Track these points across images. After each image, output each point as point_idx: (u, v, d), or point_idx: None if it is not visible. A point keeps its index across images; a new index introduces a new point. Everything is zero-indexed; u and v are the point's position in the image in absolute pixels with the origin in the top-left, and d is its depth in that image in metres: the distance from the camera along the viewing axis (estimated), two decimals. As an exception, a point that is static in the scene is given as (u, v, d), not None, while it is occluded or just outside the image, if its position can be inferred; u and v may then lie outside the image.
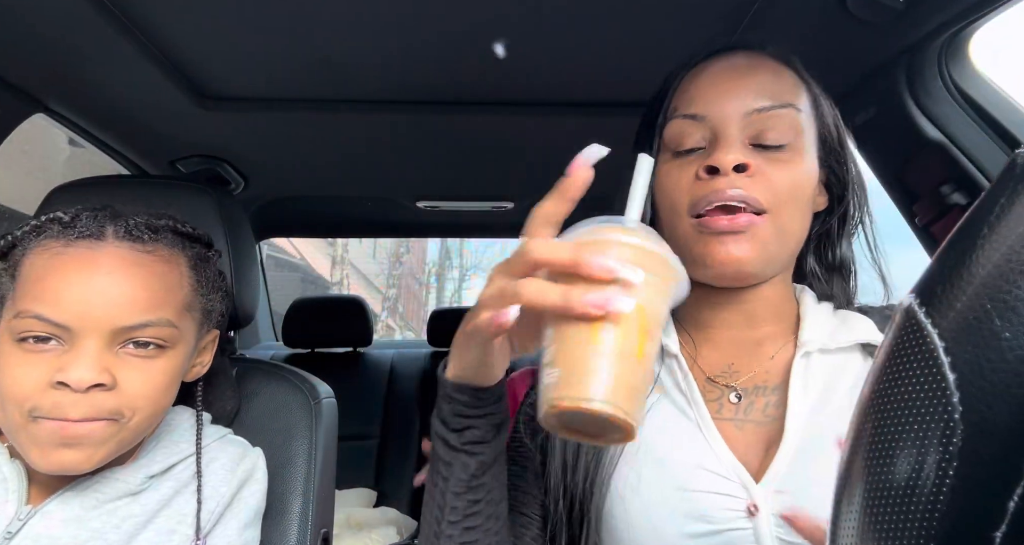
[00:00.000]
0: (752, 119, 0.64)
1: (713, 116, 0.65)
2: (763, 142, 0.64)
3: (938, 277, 0.20)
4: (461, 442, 0.57)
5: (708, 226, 0.63)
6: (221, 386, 0.90)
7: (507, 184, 1.86)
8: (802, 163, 0.65)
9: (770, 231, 0.63)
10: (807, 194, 0.66)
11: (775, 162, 0.64)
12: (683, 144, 0.67)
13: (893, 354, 0.20)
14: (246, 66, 1.17)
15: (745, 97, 0.65)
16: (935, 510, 0.17)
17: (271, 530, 0.87)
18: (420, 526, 0.63)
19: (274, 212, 2.06)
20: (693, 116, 0.66)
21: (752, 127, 0.64)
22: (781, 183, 0.63)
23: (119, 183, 1.06)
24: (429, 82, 1.23)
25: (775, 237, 0.63)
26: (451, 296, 16.66)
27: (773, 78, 0.66)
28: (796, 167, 0.64)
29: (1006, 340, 0.17)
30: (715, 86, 0.67)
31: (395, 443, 2.18)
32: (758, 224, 0.62)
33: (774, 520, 0.57)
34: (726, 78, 0.67)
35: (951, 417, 0.18)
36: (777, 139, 0.64)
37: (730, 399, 0.66)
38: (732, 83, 0.66)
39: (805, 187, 0.65)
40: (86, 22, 0.98)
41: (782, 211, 0.63)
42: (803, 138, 0.65)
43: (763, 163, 0.63)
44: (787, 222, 0.64)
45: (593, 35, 1.06)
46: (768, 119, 0.64)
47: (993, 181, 0.20)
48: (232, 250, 0.96)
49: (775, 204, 0.63)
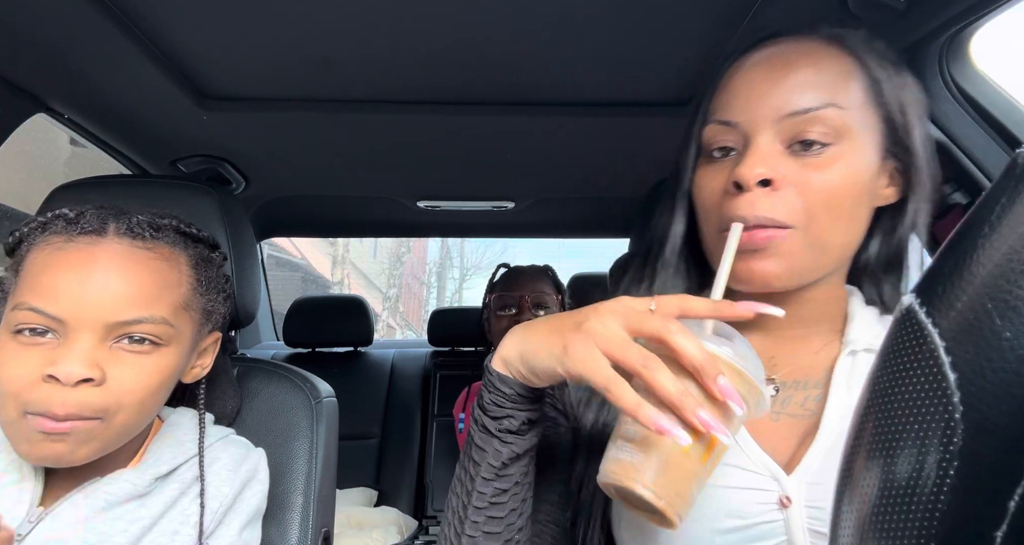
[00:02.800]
0: (786, 124, 0.61)
1: (744, 122, 0.63)
2: (802, 143, 0.60)
3: (939, 277, 0.20)
4: (497, 429, 0.58)
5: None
6: (222, 386, 0.90)
7: (507, 184, 1.86)
8: (848, 164, 0.60)
9: (798, 245, 0.60)
10: (855, 197, 0.61)
11: (813, 168, 0.60)
12: (716, 149, 0.65)
13: (894, 354, 0.20)
14: (247, 66, 1.17)
15: (779, 99, 0.61)
16: (936, 510, 0.17)
17: (272, 529, 0.87)
18: (446, 513, 0.63)
19: (275, 212, 2.07)
20: (726, 122, 0.64)
21: (787, 131, 0.61)
22: (817, 192, 0.59)
23: (120, 183, 1.06)
24: (429, 82, 1.23)
25: (805, 251, 0.60)
26: (452, 296, 16.66)
27: (815, 72, 0.62)
28: (839, 171, 0.60)
29: (1007, 340, 0.17)
30: (748, 88, 0.63)
31: (396, 442, 2.18)
32: (781, 240, 0.60)
33: (807, 512, 0.56)
34: (761, 79, 0.63)
35: (952, 417, 0.18)
36: (817, 139, 0.60)
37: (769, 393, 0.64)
38: (767, 84, 0.62)
39: (850, 191, 0.60)
40: (87, 22, 0.98)
41: (814, 224, 0.60)
42: (850, 136, 0.61)
43: (797, 171, 0.60)
44: (822, 234, 0.60)
45: (593, 35, 1.06)
46: (804, 123, 0.60)
47: (994, 181, 0.20)
48: (233, 250, 0.96)
49: (806, 217, 0.59)
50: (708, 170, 0.66)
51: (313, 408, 0.94)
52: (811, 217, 0.60)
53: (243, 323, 1.01)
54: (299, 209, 2.13)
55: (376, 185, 1.88)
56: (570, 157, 1.61)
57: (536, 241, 10.17)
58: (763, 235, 0.59)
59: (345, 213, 2.27)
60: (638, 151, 1.55)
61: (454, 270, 16.93)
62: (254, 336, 2.45)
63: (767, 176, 0.59)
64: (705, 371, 0.48)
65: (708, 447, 0.48)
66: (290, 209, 2.10)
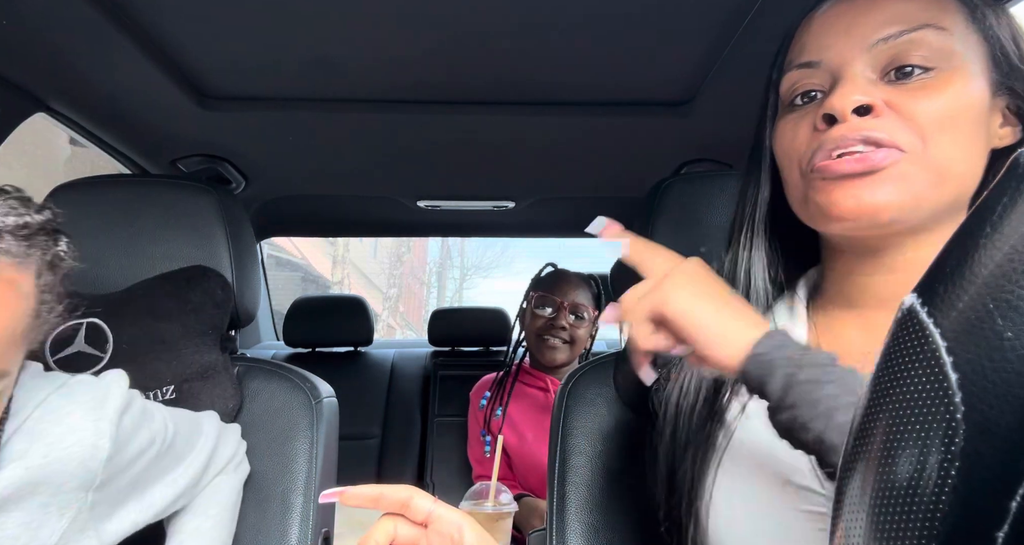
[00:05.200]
0: (879, 49, 0.54)
1: (829, 59, 0.56)
2: (901, 69, 0.53)
3: (940, 276, 0.20)
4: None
5: (830, 170, 0.53)
6: (223, 385, 0.90)
7: (508, 184, 1.86)
8: (959, 88, 0.52)
9: (916, 169, 0.52)
10: (971, 123, 0.53)
11: (919, 91, 0.52)
12: (798, 95, 0.58)
13: (895, 354, 0.20)
14: (247, 66, 1.17)
15: (868, 27, 0.54)
16: (937, 510, 0.17)
17: (271, 529, 0.87)
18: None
19: (275, 211, 2.06)
20: (808, 64, 0.57)
21: (882, 56, 0.54)
22: (929, 114, 0.52)
23: (120, 183, 1.06)
24: (429, 82, 1.23)
25: (924, 175, 0.52)
26: (452, 296, 16.66)
27: (903, 1, 0.55)
28: (949, 94, 0.52)
29: (1008, 340, 0.17)
30: (832, 25, 0.57)
31: (396, 442, 2.18)
32: (897, 160, 0.52)
33: None
34: (843, 14, 0.57)
35: (953, 417, 0.18)
36: (918, 63, 0.53)
37: None
38: (850, 17, 0.56)
39: (965, 116, 0.53)
40: (87, 22, 0.98)
41: (933, 145, 0.52)
42: (957, 60, 0.53)
43: (901, 96, 0.52)
44: (943, 157, 0.52)
45: (593, 35, 1.06)
46: (901, 45, 0.53)
47: (995, 180, 0.20)
48: (233, 249, 0.96)
49: (922, 139, 0.52)
50: (790, 118, 0.59)
51: (313, 408, 0.94)
52: (926, 140, 0.52)
53: (243, 323, 1.01)
54: (299, 209, 2.13)
55: (376, 185, 1.88)
56: (570, 157, 1.61)
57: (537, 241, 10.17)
58: (879, 156, 0.51)
59: (345, 213, 2.27)
60: (638, 151, 1.55)
61: (454, 270, 16.94)
62: (254, 336, 2.45)
63: (865, 102, 0.52)
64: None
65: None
66: (290, 209, 2.10)
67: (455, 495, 1.42)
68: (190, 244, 0.98)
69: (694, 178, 0.96)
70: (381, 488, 0.50)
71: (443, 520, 0.49)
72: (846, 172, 0.52)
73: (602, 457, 0.86)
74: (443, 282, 17.04)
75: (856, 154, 0.52)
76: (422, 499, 0.50)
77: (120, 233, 0.97)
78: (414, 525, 0.50)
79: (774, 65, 0.63)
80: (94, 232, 0.97)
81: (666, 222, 0.91)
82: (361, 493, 0.50)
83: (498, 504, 1.15)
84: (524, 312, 1.82)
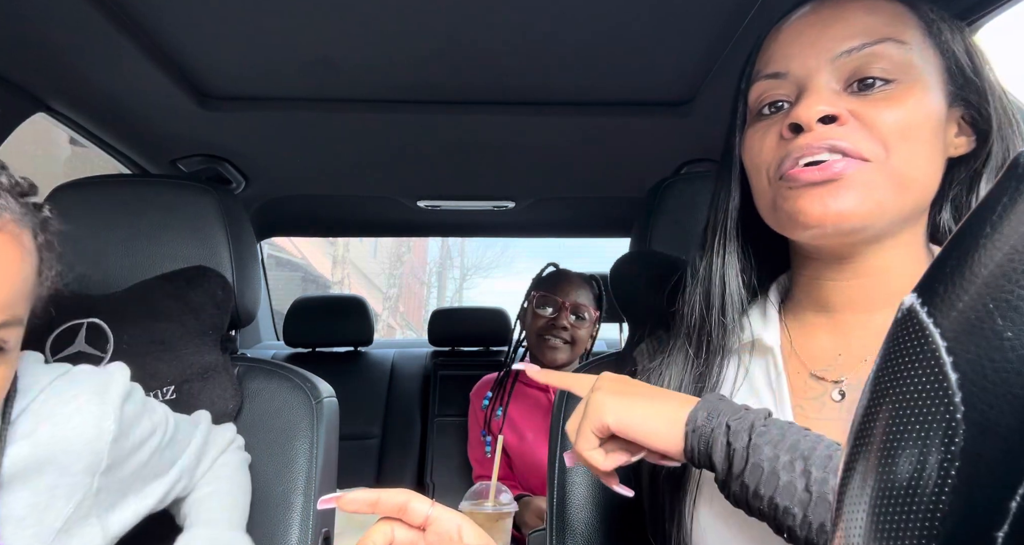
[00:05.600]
0: (842, 62, 0.55)
1: (795, 70, 0.58)
2: (863, 81, 0.55)
3: (940, 276, 0.20)
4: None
5: (796, 179, 0.55)
6: (223, 385, 0.90)
7: (508, 184, 1.86)
8: (917, 99, 0.54)
9: (879, 177, 0.53)
10: (929, 133, 0.55)
11: (881, 102, 0.54)
12: (765, 105, 0.60)
13: (895, 354, 0.20)
14: (247, 66, 1.17)
15: (832, 40, 0.56)
16: (937, 510, 0.17)
17: (272, 529, 0.87)
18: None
19: (275, 211, 2.07)
20: (775, 74, 0.59)
21: (845, 68, 0.56)
22: (890, 124, 0.53)
23: (120, 182, 1.06)
24: (429, 82, 1.23)
25: (887, 183, 0.54)
26: (452, 296, 16.66)
27: (866, 13, 0.57)
28: (908, 105, 0.54)
29: (1008, 340, 0.17)
30: (797, 36, 0.59)
31: (396, 442, 2.18)
32: (861, 168, 0.53)
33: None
34: (809, 25, 0.58)
35: (953, 417, 0.18)
36: (879, 75, 0.55)
37: (832, 397, 0.58)
38: (815, 30, 0.58)
39: (924, 126, 0.54)
40: (87, 22, 0.98)
41: (895, 154, 0.53)
42: (915, 72, 0.55)
43: (864, 107, 0.54)
44: (904, 165, 0.54)
45: (593, 35, 1.06)
46: (863, 57, 0.55)
47: (995, 180, 0.20)
48: (233, 249, 0.97)
49: (884, 148, 0.54)
50: (758, 127, 0.61)
51: (313, 408, 0.94)
52: (889, 149, 0.54)
53: (243, 323, 1.01)
54: (299, 209, 2.13)
55: (376, 185, 1.88)
56: (570, 157, 1.61)
57: (537, 241, 10.18)
58: (840, 166, 0.53)
59: (345, 213, 2.28)
60: (638, 151, 1.55)
61: (454, 270, 16.93)
62: (254, 336, 2.45)
63: (830, 112, 0.54)
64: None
65: None
66: (290, 209, 2.10)
67: (455, 495, 1.42)
68: (190, 244, 0.98)
69: (694, 178, 0.96)
70: (378, 492, 0.50)
71: (442, 521, 0.49)
72: (813, 180, 0.54)
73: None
74: (443, 282, 17.04)
75: (821, 163, 0.54)
76: (419, 502, 0.50)
77: (120, 233, 0.97)
78: (411, 529, 0.50)
79: (743, 75, 0.64)
80: (94, 232, 0.97)
81: (666, 222, 0.91)
82: (358, 498, 0.50)
83: (498, 504, 1.15)
84: (525, 312, 1.82)
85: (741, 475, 0.49)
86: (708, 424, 0.51)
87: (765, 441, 0.48)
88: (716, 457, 0.50)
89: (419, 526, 0.50)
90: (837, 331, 0.61)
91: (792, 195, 0.56)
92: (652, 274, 0.86)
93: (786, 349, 0.63)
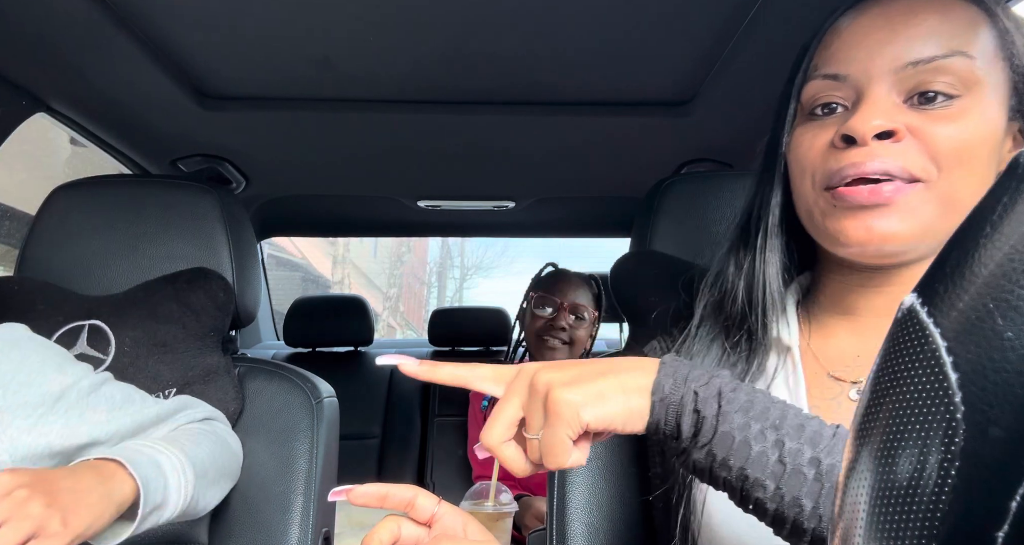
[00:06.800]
0: (907, 74, 0.53)
1: (856, 75, 0.55)
2: (924, 94, 0.53)
3: (940, 276, 0.20)
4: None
5: (843, 199, 0.54)
6: (224, 387, 0.90)
7: (508, 183, 1.86)
8: (978, 117, 0.53)
9: (928, 200, 0.52)
10: (985, 153, 0.54)
11: (940, 119, 0.53)
12: (819, 106, 0.58)
13: (895, 354, 0.20)
14: (247, 66, 1.17)
15: (898, 48, 0.54)
16: (937, 510, 0.17)
17: (272, 529, 0.87)
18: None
19: (275, 211, 2.07)
20: (834, 76, 0.57)
21: (908, 81, 0.54)
22: (947, 144, 0.52)
23: (120, 182, 1.06)
24: (429, 82, 1.23)
25: (935, 207, 0.53)
26: (452, 295, 16.66)
27: (939, 19, 0.54)
28: (969, 123, 0.53)
29: (1008, 340, 0.17)
30: (863, 38, 0.56)
31: (396, 442, 2.18)
32: (909, 193, 0.52)
33: None
34: (876, 28, 0.56)
35: (953, 417, 0.18)
36: (943, 90, 0.53)
37: (849, 396, 0.58)
38: (883, 33, 0.55)
39: (981, 146, 0.53)
40: (87, 21, 0.98)
41: (946, 177, 0.52)
42: (980, 89, 0.53)
43: (923, 123, 0.53)
44: (955, 189, 0.53)
45: (593, 35, 1.06)
46: (928, 72, 0.53)
47: (996, 180, 0.20)
48: (234, 249, 0.97)
49: (938, 167, 0.52)
50: (809, 128, 0.59)
51: (313, 408, 0.94)
52: (942, 170, 0.52)
53: (243, 323, 1.01)
54: (299, 209, 2.13)
55: (376, 185, 1.88)
56: (570, 157, 1.61)
57: (537, 241, 10.18)
58: (890, 189, 0.52)
59: (345, 213, 2.28)
60: (638, 151, 1.55)
61: (454, 270, 16.93)
62: (254, 336, 2.45)
63: (887, 127, 0.52)
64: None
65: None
66: (290, 209, 2.10)
67: (455, 495, 1.42)
68: (190, 244, 0.98)
69: (694, 178, 0.96)
70: (387, 487, 0.50)
71: (447, 519, 0.49)
72: (861, 203, 0.53)
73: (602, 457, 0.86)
74: (443, 282, 17.04)
75: (871, 184, 0.53)
76: (426, 499, 0.50)
77: (120, 233, 0.97)
78: (418, 525, 0.50)
79: (798, 67, 0.61)
80: (94, 232, 0.97)
81: (666, 222, 0.91)
82: (368, 492, 0.50)
83: (498, 504, 1.15)
84: (524, 312, 1.82)
85: (708, 444, 0.45)
86: (676, 392, 0.46)
87: (735, 408, 0.45)
88: (684, 426, 0.46)
89: (425, 523, 0.50)
90: (856, 333, 0.60)
91: (837, 214, 0.55)
92: (652, 274, 0.86)
93: (803, 349, 0.62)
